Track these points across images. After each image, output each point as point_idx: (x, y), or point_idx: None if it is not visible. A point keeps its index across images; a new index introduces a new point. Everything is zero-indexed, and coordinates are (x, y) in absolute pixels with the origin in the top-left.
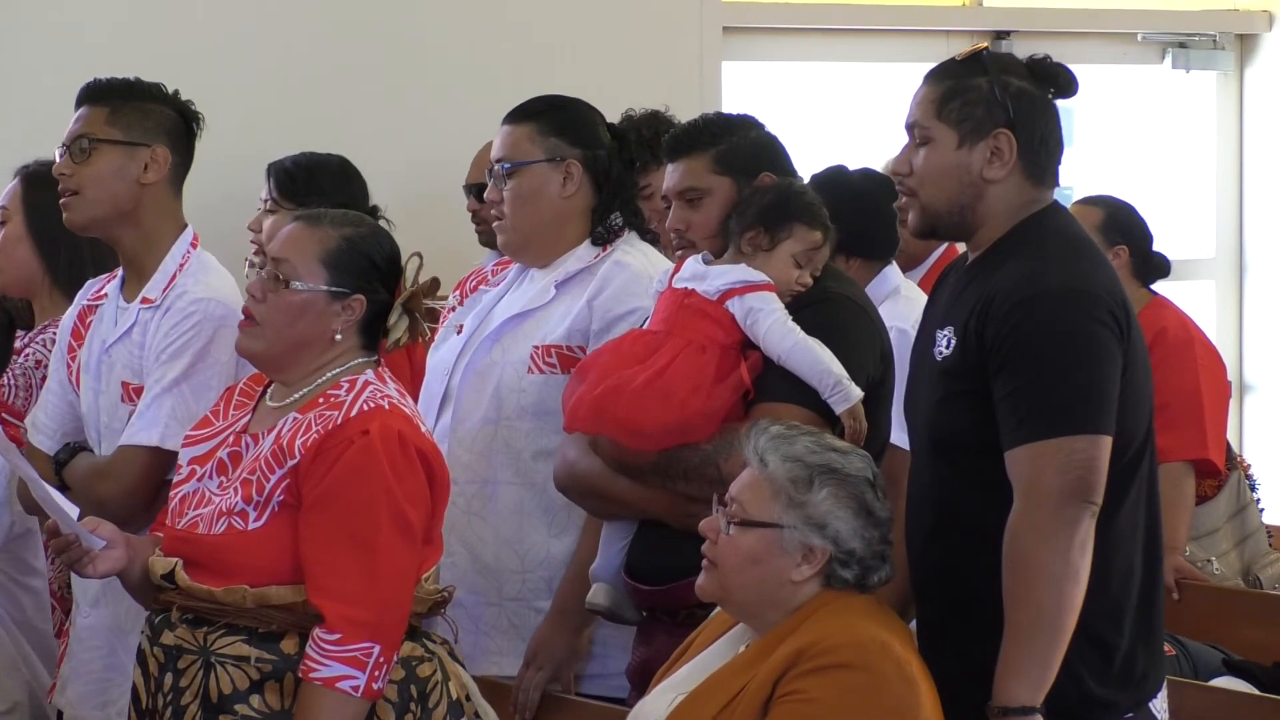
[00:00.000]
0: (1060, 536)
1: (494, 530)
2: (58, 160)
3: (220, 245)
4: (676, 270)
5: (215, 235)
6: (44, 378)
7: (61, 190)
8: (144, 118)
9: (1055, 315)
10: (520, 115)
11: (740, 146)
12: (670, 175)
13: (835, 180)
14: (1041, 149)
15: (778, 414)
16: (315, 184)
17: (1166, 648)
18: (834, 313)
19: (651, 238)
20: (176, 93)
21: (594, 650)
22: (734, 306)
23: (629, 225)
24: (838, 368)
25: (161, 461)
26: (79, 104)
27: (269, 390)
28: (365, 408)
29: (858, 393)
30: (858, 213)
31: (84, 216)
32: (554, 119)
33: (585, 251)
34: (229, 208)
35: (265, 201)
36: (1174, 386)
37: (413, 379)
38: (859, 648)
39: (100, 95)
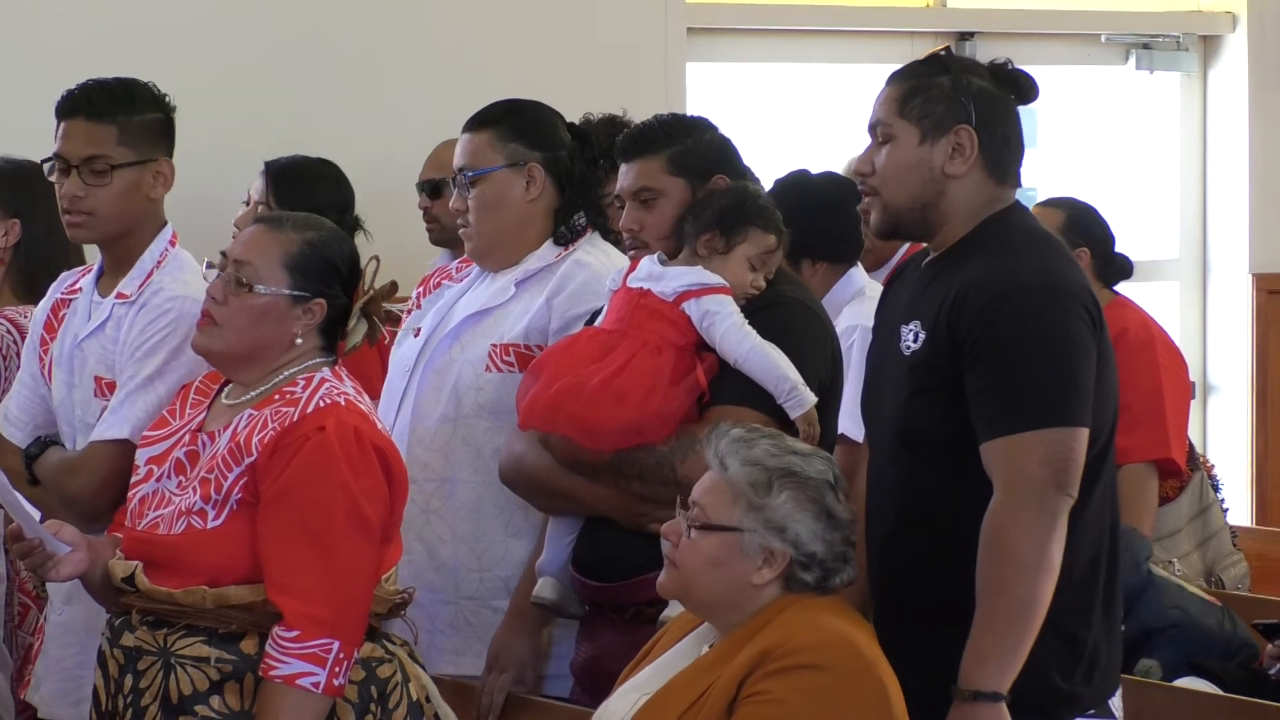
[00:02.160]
0: (1041, 528)
1: (451, 528)
2: (57, 175)
3: (190, 244)
4: (631, 269)
5: (185, 235)
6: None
7: (73, 209)
8: (148, 131)
9: (1031, 309)
10: (479, 122)
11: (695, 148)
12: (624, 175)
13: (798, 185)
14: (1003, 147)
15: (732, 417)
16: (308, 190)
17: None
18: (787, 317)
19: (614, 238)
20: (155, 86)
21: (551, 650)
22: (690, 309)
23: (592, 225)
24: (793, 373)
25: (132, 458)
26: (72, 114)
27: (225, 389)
28: (321, 404)
29: (812, 398)
30: (821, 217)
31: (94, 235)
32: (513, 123)
33: (547, 251)
34: (198, 206)
35: (257, 202)
36: (1136, 386)
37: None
38: (825, 649)
39: (103, 110)
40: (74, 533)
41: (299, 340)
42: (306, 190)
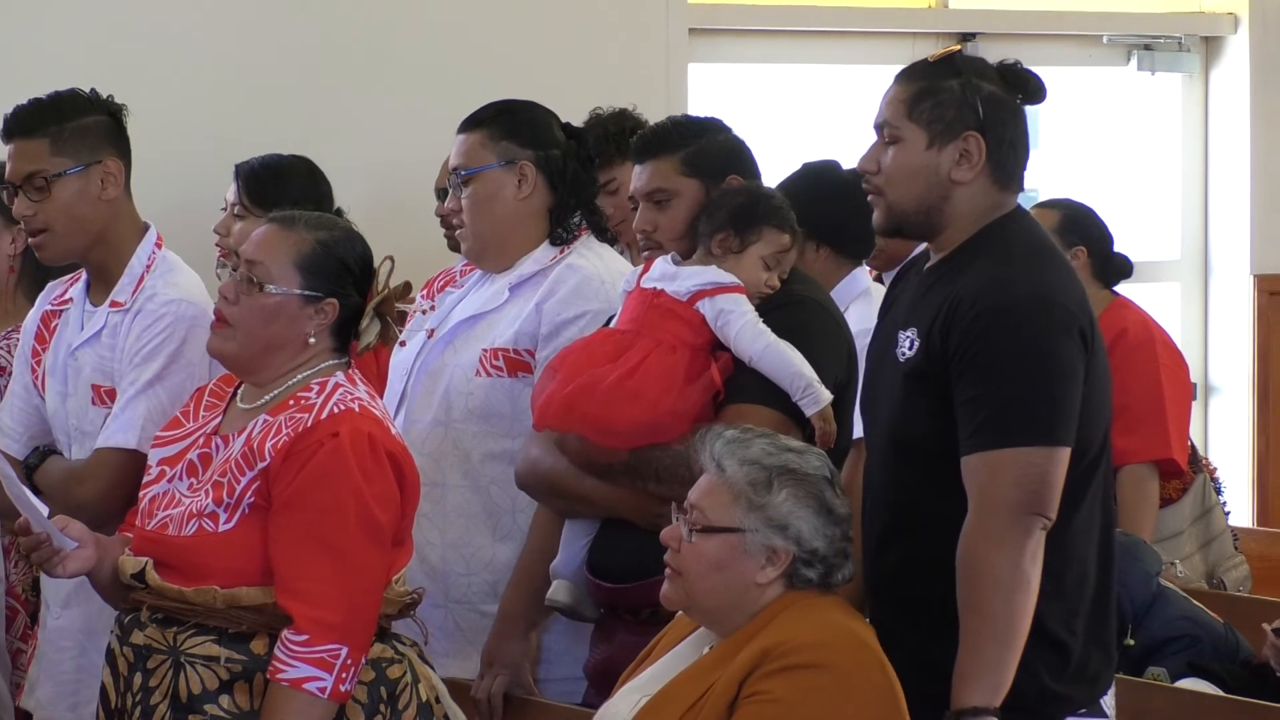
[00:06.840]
0: (1012, 547)
1: (441, 533)
2: (11, 199)
3: (183, 247)
4: (645, 270)
5: (178, 237)
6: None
7: (29, 230)
8: (85, 135)
9: (1020, 325)
10: (472, 123)
11: (708, 149)
12: (638, 177)
13: (825, 171)
14: (1009, 153)
15: (748, 415)
16: (283, 187)
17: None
18: (802, 315)
19: (610, 238)
20: (94, 91)
21: (540, 655)
22: (704, 308)
23: (589, 225)
24: (808, 370)
25: (138, 464)
26: (9, 136)
27: (239, 392)
28: (335, 410)
29: (828, 395)
30: (838, 205)
31: (60, 250)
32: (505, 123)
33: (542, 253)
34: (193, 209)
35: (233, 205)
36: (1136, 387)
37: (379, 380)
38: (825, 648)
39: (33, 126)
40: (81, 529)
41: (311, 340)
42: (279, 187)
